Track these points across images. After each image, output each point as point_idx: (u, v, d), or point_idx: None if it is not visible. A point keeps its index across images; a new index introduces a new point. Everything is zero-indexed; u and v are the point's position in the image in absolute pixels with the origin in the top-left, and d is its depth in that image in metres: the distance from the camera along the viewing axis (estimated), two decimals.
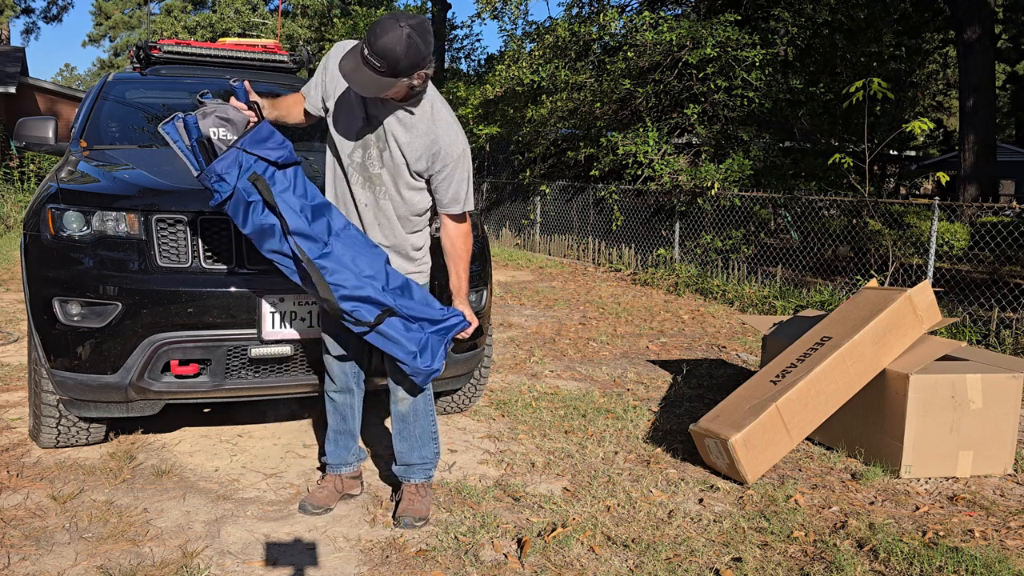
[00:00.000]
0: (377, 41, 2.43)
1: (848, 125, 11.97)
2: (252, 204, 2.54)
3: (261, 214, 2.55)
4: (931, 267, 6.90)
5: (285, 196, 2.57)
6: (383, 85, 2.50)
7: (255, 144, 2.56)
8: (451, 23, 23.05)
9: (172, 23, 35.19)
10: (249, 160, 2.54)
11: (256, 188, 2.53)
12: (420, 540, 2.77)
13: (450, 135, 2.70)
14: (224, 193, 2.53)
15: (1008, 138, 32.35)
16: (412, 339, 2.68)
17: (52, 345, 3.01)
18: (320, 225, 2.61)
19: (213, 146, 2.54)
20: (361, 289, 2.60)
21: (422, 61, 2.50)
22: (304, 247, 2.56)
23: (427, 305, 2.74)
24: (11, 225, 12.22)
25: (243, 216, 2.56)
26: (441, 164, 2.69)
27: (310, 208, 2.62)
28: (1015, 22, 25.61)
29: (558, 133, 12.78)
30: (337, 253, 2.60)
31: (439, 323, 2.74)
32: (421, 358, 2.69)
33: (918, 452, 3.40)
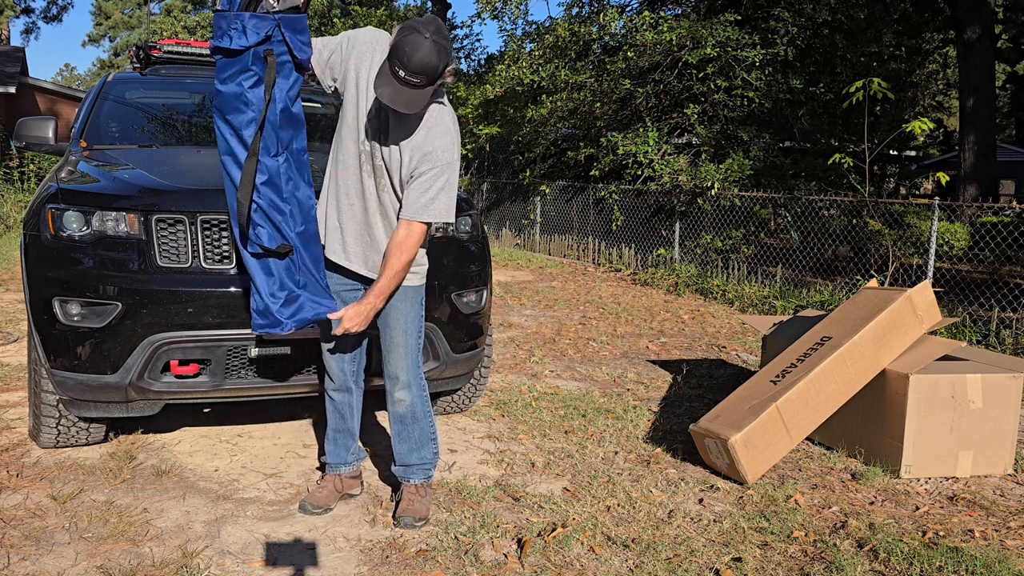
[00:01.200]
0: (412, 61, 2.43)
1: (848, 125, 11.97)
2: (249, 72, 2.46)
3: (250, 87, 2.47)
4: (931, 267, 6.90)
5: (279, 89, 2.51)
6: (426, 95, 2.52)
7: (291, 29, 2.48)
8: (451, 23, 23.05)
9: (172, 23, 35.19)
10: (278, 36, 2.46)
11: (265, 63, 2.45)
12: (420, 540, 2.77)
13: (446, 140, 2.67)
14: (236, 44, 2.43)
15: (1008, 138, 32.35)
16: (287, 285, 2.59)
17: (52, 345, 3.01)
18: (286, 133, 2.56)
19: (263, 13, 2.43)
20: (276, 214, 2.54)
21: (451, 59, 2.52)
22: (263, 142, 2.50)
23: (317, 270, 2.68)
24: (11, 225, 12.22)
25: (231, 76, 2.47)
26: (428, 165, 2.65)
27: (290, 114, 2.57)
28: (1015, 22, 25.61)
29: (558, 133, 12.78)
30: (279, 168, 2.55)
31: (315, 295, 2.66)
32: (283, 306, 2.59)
33: (918, 452, 3.40)
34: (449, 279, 3.39)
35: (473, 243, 3.57)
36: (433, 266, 3.25)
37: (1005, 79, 30.30)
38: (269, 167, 2.54)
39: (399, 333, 2.83)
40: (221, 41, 2.46)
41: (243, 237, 2.58)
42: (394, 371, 2.87)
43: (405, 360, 2.86)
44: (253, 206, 2.54)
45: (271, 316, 2.61)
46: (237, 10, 2.44)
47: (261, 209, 2.54)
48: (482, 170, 15.32)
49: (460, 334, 3.47)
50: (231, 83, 2.48)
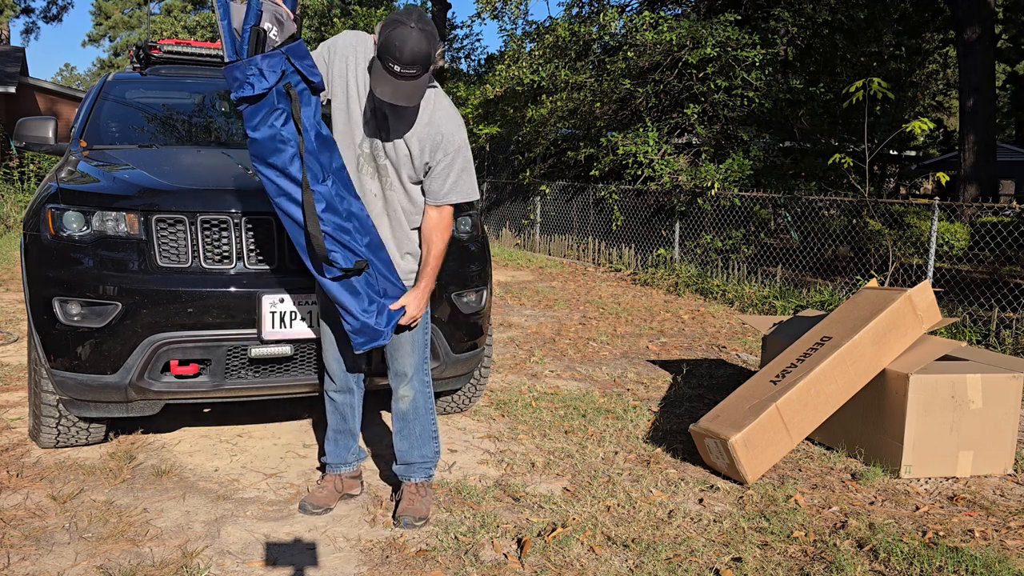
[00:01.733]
0: (404, 54, 2.45)
1: (848, 125, 11.97)
2: (277, 111, 2.49)
3: (282, 125, 2.50)
4: (931, 267, 6.90)
5: (306, 118, 2.54)
6: (424, 83, 2.55)
7: (298, 57, 2.51)
8: (451, 23, 23.04)
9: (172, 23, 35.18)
10: (291, 69, 2.49)
11: (288, 97, 2.48)
12: (420, 540, 2.77)
13: (452, 125, 2.71)
14: (259, 89, 2.44)
15: (1008, 138, 32.35)
16: (374, 298, 2.65)
17: (52, 345, 3.01)
18: (325, 156, 2.59)
19: (265, 40, 2.44)
20: (342, 234, 2.58)
21: (437, 43, 2.55)
22: (299, 165, 2.52)
23: (391, 273, 2.73)
24: (11, 225, 12.22)
25: (262, 120, 2.48)
26: (442, 153, 2.69)
27: (322, 138, 2.60)
28: (1015, 22, 25.60)
29: (558, 133, 12.77)
30: (330, 191, 2.58)
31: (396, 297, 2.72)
32: (378, 318, 2.65)
33: (918, 452, 3.40)
34: (449, 279, 3.39)
35: (473, 243, 3.57)
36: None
37: (1005, 79, 30.30)
38: (323, 194, 2.57)
39: (406, 330, 2.83)
40: (243, 91, 2.47)
41: (318, 266, 2.63)
42: (402, 368, 2.87)
43: (412, 357, 2.86)
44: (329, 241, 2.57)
45: (371, 331, 2.67)
46: (247, 56, 2.46)
47: (329, 236, 2.58)
48: (482, 170, 15.32)
49: (460, 334, 3.47)
50: (264, 127, 2.50)
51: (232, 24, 2.46)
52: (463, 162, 2.74)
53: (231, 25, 2.46)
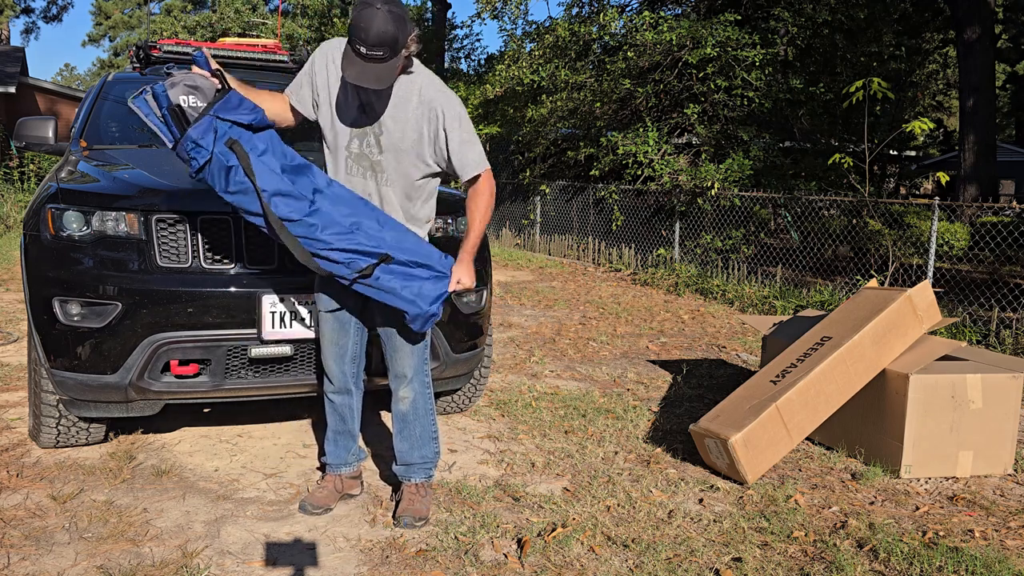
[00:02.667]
0: (369, 35, 2.45)
1: (848, 125, 11.97)
2: (232, 168, 2.52)
3: (242, 177, 2.54)
4: (931, 267, 6.90)
5: (264, 159, 2.57)
6: (393, 68, 2.54)
7: (227, 110, 2.55)
8: (451, 23, 23.05)
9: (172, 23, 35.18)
10: (224, 126, 2.53)
11: (234, 152, 2.51)
12: (420, 540, 2.77)
13: (443, 97, 2.72)
14: (201, 159, 2.51)
15: (1008, 138, 32.35)
16: (410, 286, 2.68)
17: (52, 345, 3.01)
18: (303, 184, 2.61)
19: (185, 114, 2.51)
20: (353, 240, 2.61)
21: (410, 27, 2.54)
22: (289, 206, 2.55)
23: (421, 248, 2.74)
24: (11, 225, 12.22)
25: (224, 181, 2.53)
26: (450, 125, 2.70)
27: (291, 168, 2.62)
28: (1015, 22, 25.60)
29: (558, 133, 12.77)
30: (325, 209, 2.61)
31: (436, 270, 2.74)
32: (421, 303, 2.68)
33: (918, 452, 3.40)
34: None
35: None
36: None
37: (1005, 79, 30.30)
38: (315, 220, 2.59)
39: (407, 331, 2.83)
40: (192, 166, 2.55)
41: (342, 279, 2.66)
42: (401, 369, 2.87)
43: (412, 359, 2.86)
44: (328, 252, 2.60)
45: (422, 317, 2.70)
46: (180, 135, 2.52)
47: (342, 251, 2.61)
48: None
49: (460, 334, 3.47)
50: (230, 187, 2.55)
51: (155, 116, 2.54)
52: (469, 126, 2.76)
53: (156, 118, 2.54)
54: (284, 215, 2.56)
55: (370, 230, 2.65)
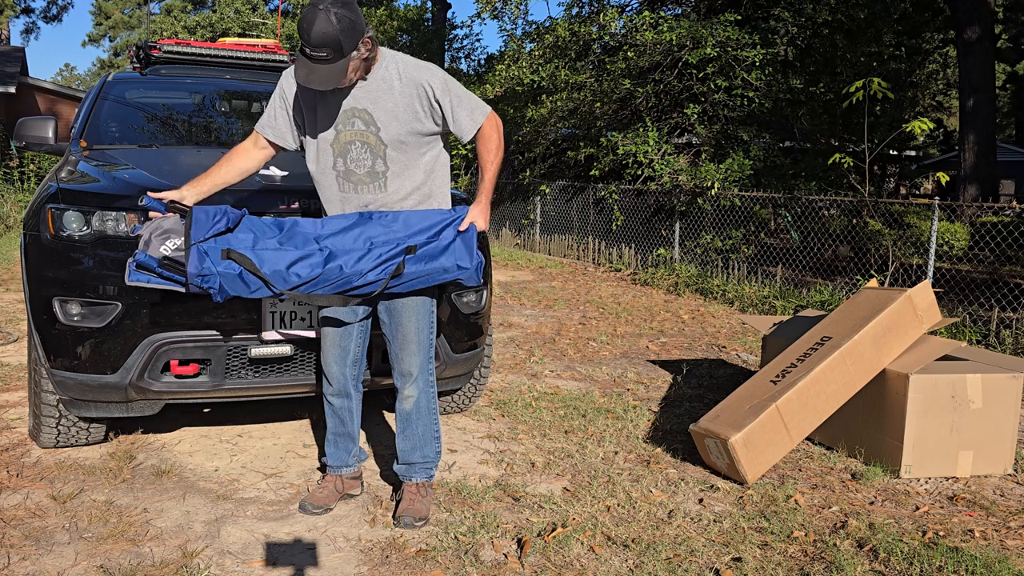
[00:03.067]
0: (311, 35, 2.48)
1: (848, 125, 11.96)
2: (241, 273, 2.58)
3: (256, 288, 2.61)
4: (931, 267, 6.90)
5: (259, 247, 2.63)
6: (340, 70, 2.55)
7: (202, 232, 2.60)
8: (451, 23, 23.05)
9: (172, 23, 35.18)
10: (208, 245, 2.59)
11: (232, 260, 2.58)
12: (420, 540, 2.77)
13: (425, 70, 2.74)
14: (215, 284, 2.57)
15: (1008, 138, 32.35)
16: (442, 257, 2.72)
17: (52, 345, 3.01)
18: (302, 241, 2.67)
19: (175, 259, 2.57)
20: (375, 255, 2.65)
21: (359, 30, 2.54)
22: (308, 266, 2.61)
23: (429, 219, 2.76)
24: (11, 225, 12.22)
25: (244, 287, 2.60)
26: (439, 95, 2.72)
27: (286, 235, 2.69)
28: (1015, 22, 25.60)
29: (558, 133, 12.77)
30: (336, 247, 2.65)
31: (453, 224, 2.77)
32: (461, 263, 2.73)
33: (918, 452, 3.40)
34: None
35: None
36: None
37: (1005, 79, 30.30)
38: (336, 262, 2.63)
39: (412, 329, 2.83)
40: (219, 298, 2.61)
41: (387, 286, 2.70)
42: (407, 367, 2.87)
43: (418, 357, 2.86)
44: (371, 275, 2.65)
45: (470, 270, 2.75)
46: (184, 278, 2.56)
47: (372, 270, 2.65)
48: None
49: (460, 334, 3.47)
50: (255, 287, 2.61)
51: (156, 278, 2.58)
52: (458, 87, 2.77)
53: (157, 279, 2.58)
54: (308, 276, 2.61)
55: (382, 235, 2.69)
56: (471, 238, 2.77)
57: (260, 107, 4.78)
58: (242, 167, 2.87)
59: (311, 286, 2.62)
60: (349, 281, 2.64)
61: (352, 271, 2.63)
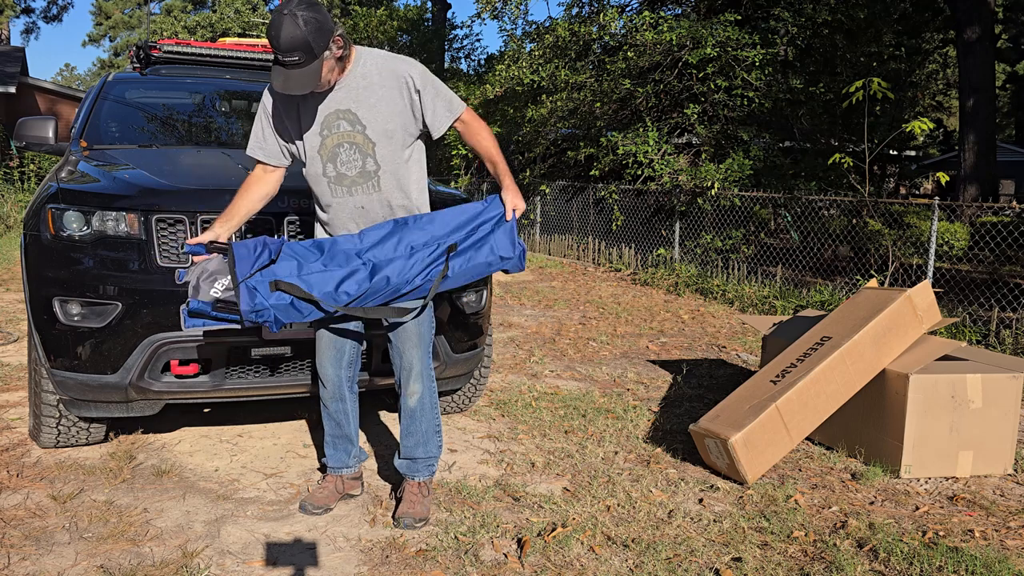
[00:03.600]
0: (280, 41, 2.49)
1: (848, 125, 11.96)
2: (293, 301, 2.59)
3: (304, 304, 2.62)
4: (931, 267, 6.90)
5: (304, 272, 2.63)
6: (315, 71, 2.55)
7: (247, 267, 2.61)
8: (451, 23, 23.06)
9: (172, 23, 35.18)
10: (256, 280, 2.60)
11: (281, 290, 2.58)
12: (420, 540, 2.77)
13: (402, 61, 2.75)
14: (270, 317, 2.57)
15: (1008, 138, 32.35)
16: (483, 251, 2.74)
17: (52, 345, 3.01)
18: (344, 259, 2.67)
19: (227, 301, 2.58)
20: (417, 259, 2.67)
21: (327, 29, 2.55)
22: (355, 283, 2.62)
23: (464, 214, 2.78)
24: (11, 225, 12.22)
25: (298, 314, 2.61)
26: (420, 85, 2.72)
27: (328, 255, 2.68)
28: (1015, 22, 25.60)
29: (558, 133, 12.77)
30: (378, 258, 2.67)
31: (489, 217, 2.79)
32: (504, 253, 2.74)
33: (918, 452, 3.40)
34: None
35: None
36: None
37: (1005, 79, 30.30)
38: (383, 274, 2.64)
39: (412, 323, 2.83)
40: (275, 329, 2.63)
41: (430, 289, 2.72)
42: (409, 362, 2.86)
43: (419, 350, 2.86)
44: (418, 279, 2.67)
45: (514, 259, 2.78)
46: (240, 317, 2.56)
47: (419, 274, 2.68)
48: (482, 170, 15.31)
49: (460, 334, 3.47)
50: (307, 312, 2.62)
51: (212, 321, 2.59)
52: (437, 81, 2.78)
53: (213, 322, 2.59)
54: (357, 292, 2.62)
55: (421, 239, 2.70)
56: (512, 226, 2.79)
57: None
58: (261, 193, 2.86)
59: (361, 301, 2.64)
60: (398, 289, 2.66)
61: (399, 280, 2.64)
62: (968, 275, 8.79)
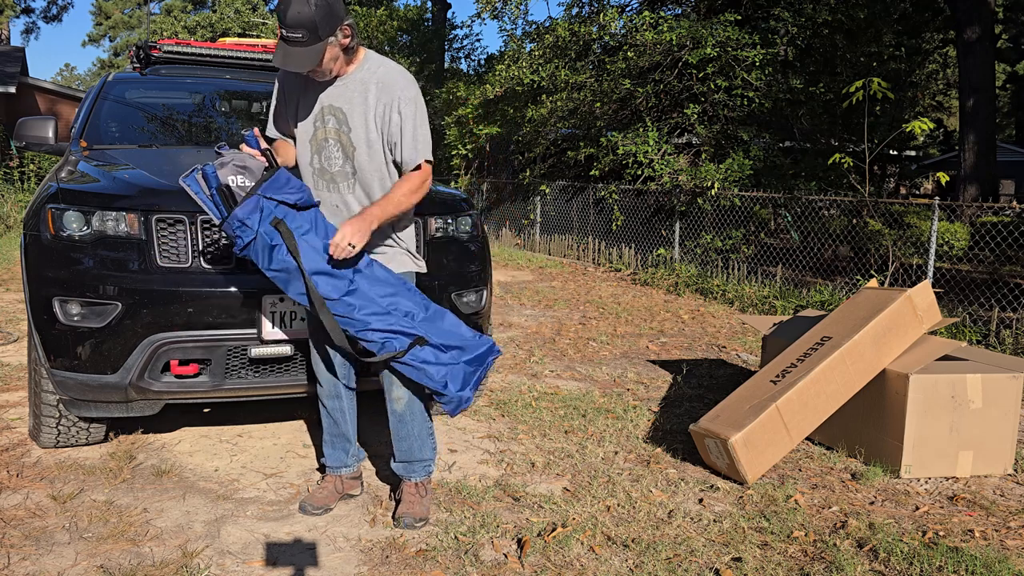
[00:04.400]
0: (287, 16, 2.48)
1: (848, 125, 11.96)
2: (275, 247, 2.57)
3: (284, 255, 2.59)
4: (931, 267, 6.90)
5: (307, 237, 2.61)
6: (315, 53, 2.53)
7: (274, 190, 2.59)
8: (451, 23, 23.04)
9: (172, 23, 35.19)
10: (270, 205, 2.58)
11: (279, 232, 2.57)
12: (420, 540, 2.77)
13: (403, 79, 2.70)
14: (247, 238, 2.56)
15: (1008, 138, 32.35)
16: (442, 369, 2.71)
17: (52, 345, 3.01)
18: (344, 263, 2.65)
19: (233, 193, 2.57)
20: (389, 321, 2.66)
21: (338, 14, 2.53)
22: (329, 285, 2.61)
23: (458, 331, 2.77)
24: (11, 225, 12.22)
25: (267, 258, 2.58)
26: (406, 106, 2.66)
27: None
28: (1015, 22, 25.60)
29: (558, 133, 12.77)
30: (363, 289, 2.66)
31: (471, 351, 2.77)
32: (452, 385, 2.71)
33: (918, 452, 3.40)
34: (449, 279, 3.39)
35: (473, 243, 3.57)
36: (433, 266, 3.26)
37: (1005, 79, 30.30)
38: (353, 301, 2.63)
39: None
40: (238, 245, 2.59)
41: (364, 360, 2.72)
42: (391, 370, 2.87)
43: None
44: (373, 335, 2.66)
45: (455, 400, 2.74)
46: (227, 213, 2.56)
47: (378, 331, 2.66)
48: (482, 170, 15.32)
49: None
50: (275, 267, 2.59)
51: (204, 195, 2.59)
52: (421, 115, 2.70)
53: (205, 196, 2.59)
54: (324, 294, 2.60)
55: (407, 309, 2.69)
56: (480, 375, 2.78)
57: (260, 107, 4.78)
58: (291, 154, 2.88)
59: (320, 302, 2.61)
60: (351, 325, 2.64)
61: (359, 318, 2.63)
62: (968, 275, 8.80)
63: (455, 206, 3.53)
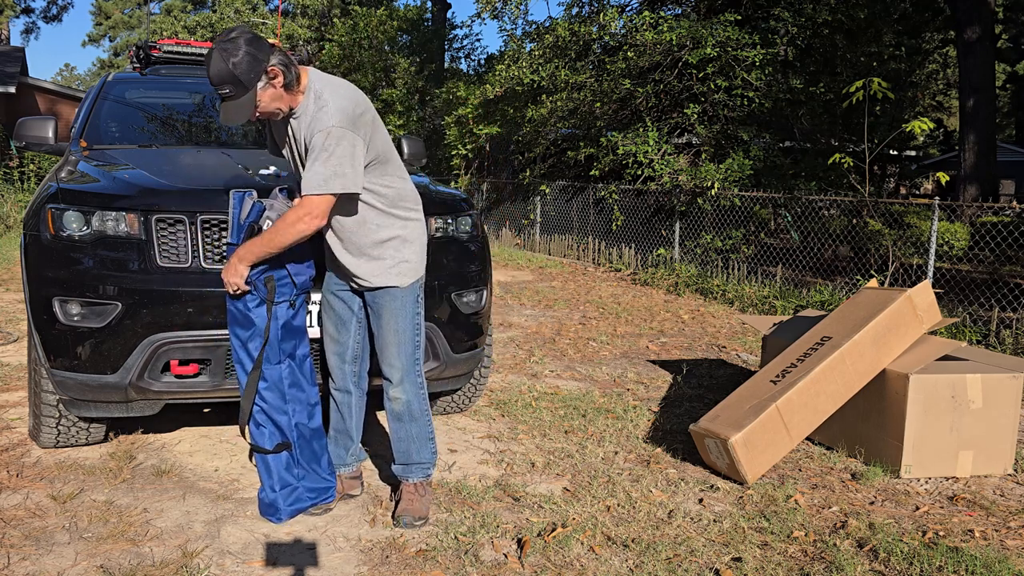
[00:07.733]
0: (210, 75, 2.54)
1: (848, 125, 11.96)
2: (253, 295, 2.77)
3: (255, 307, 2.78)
4: (931, 267, 6.90)
5: (279, 306, 2.81)
6: (248, 102, 2.57)
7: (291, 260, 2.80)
8: (451, 23, 23.03)
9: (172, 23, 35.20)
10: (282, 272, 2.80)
11: (266, 288, 2.75)
12: (420, 540, 2.77)
13: (325, 116, 2.56)
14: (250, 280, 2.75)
15: (1008, 138, 32.34)
16: (286, 479, 2.88)
17: (52, 345, 3.01)
18: (288, 344, 2.85)
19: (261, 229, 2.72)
20: (279, 416, 2.86)
21: (259, 59, 2.51)
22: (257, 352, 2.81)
23: (319, 463, 2.96)
24: (11, 225, 12.22)
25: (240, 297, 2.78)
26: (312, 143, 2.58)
27: (290, 327, 2.86)
28: (1015, 22, 25.60)
29: (558, 133, 12.77)
30: (281, 374, 2.85)
31: (314, 485, 2.94)
32: (277, 493, 2.87)
33: (918, 452, 3.40)
34: (449, 279, 3.39)
35: (473, 243, 3.56)
36: (433, 266, 3.25)
37: (1005, 79, 30.30)
38: (271, 375, 2.85)
39: (390, 333, 2.83)
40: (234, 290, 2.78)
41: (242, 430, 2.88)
42: (388, 371, 2.88)
43: (399, 360, 2.85)
44: (256, 409, 2.86)
45: (273, 507, 2.88)
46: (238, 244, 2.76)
47: (264, 412, 2.87)
48: (482, 170, 15.32)
49: (460, 334, 3.46)
50: (238, 302, 2.78)
51: (240, 216, 2.76)
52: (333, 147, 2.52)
53: (239, 216, 2.76)
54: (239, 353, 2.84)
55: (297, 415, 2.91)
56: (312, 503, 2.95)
57: None
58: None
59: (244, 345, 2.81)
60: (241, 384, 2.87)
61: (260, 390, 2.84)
62: (968, 275, 8.80)
63: (455, 206, 3.53)
